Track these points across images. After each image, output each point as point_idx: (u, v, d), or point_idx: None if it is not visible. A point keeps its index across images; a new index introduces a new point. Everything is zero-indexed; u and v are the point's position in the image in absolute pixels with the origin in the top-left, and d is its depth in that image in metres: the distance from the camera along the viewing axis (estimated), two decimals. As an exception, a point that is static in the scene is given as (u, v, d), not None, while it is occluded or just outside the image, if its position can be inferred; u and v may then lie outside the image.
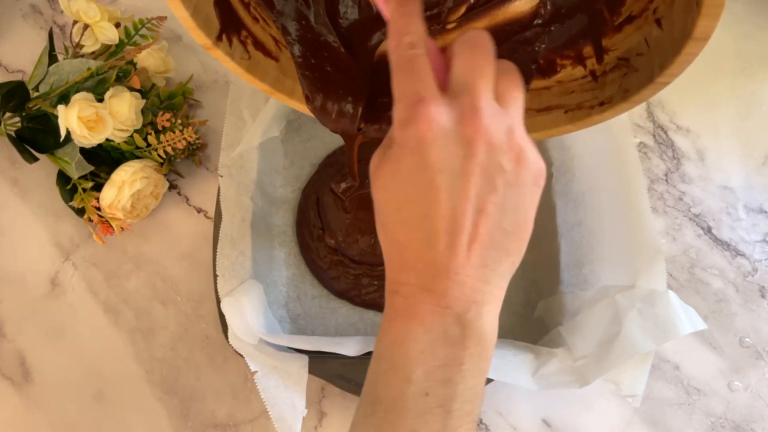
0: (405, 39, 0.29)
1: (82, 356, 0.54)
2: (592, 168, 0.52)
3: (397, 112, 0.28)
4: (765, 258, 0.56)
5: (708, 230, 0.57)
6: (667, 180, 0.59)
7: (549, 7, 0.36)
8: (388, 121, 0.40)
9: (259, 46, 0.39)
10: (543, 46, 0.38)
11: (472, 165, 0.27)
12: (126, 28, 0.58)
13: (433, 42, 0.30)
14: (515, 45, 0.39)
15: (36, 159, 0.55)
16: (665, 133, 0.61)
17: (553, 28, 0.37)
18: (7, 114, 0.55)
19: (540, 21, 0.37)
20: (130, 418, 0.53)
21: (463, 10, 0.39)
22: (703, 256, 0.56)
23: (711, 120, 0.61)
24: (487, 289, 0.28)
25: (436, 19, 0.39)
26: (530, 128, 0.40)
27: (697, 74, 0.63)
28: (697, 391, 0.52)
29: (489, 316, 0.29)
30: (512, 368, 0.45)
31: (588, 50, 0.37)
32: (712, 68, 0.63)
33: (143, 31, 0.58)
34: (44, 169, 0.59)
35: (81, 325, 0.55)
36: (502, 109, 0.28)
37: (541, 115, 0.40)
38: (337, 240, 0.55)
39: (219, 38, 0.36)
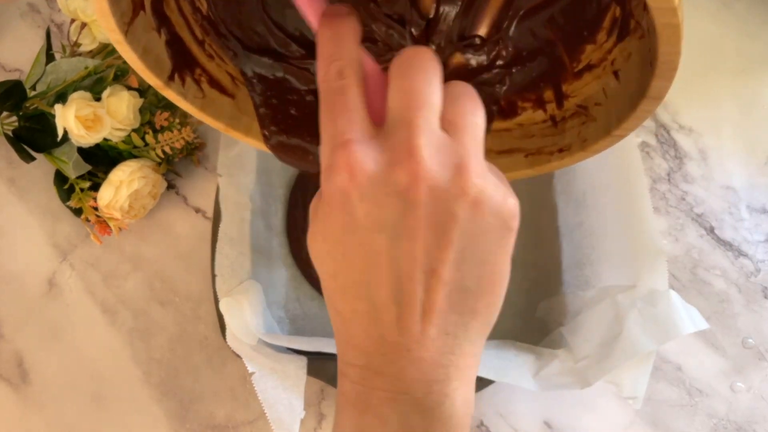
0: (333, 66, 0.23)
1: (80, 357, 0.54)
2: (594, 168, 0.51)
3: (322, 158, 0.23)
4: None
5: (710, 230, 0.57)
6: (669, 180, 0.58)
7: (510, 49, 0.36)
8: None
9: (214, 83, 0.37)
10: (504, 87, 0.38)
11: (414, 218, 0.22)
12: (124, 26, 0.58)
13: (375, 64, 0.25)
14: (476, 85, 0.39)
15: (33, 158, 0.55)
16: (667, 132, 0.60)
17: (514, 70, 0.37)
18: (4, 113, 0.55)
19: (501, 62, 0.37)
20: (128, 419, 0.52)
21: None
22: (705, 257, 0.56)
23: (713, 119, 0.61)
24: (453, 361, 0.23)
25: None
26: None
27: (698, 73, 0.62)
28: (699, 392, 0.52)
29: (457, 394, 0.24)
30: (513, 369, 0.44)
31: (549, 94, 0.37)
32: (714, 67, 0.63)
33: (141, 30, 0.57)
34: (41, 168, 0.59)
35: (79, 326, 0.55)
36: (450, 141, 0.22)
37: (502, 157, 0.39)
38: None
39: (171, 78, 0.34)
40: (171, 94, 0.34)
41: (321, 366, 0.47)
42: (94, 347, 0.54)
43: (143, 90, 0.57)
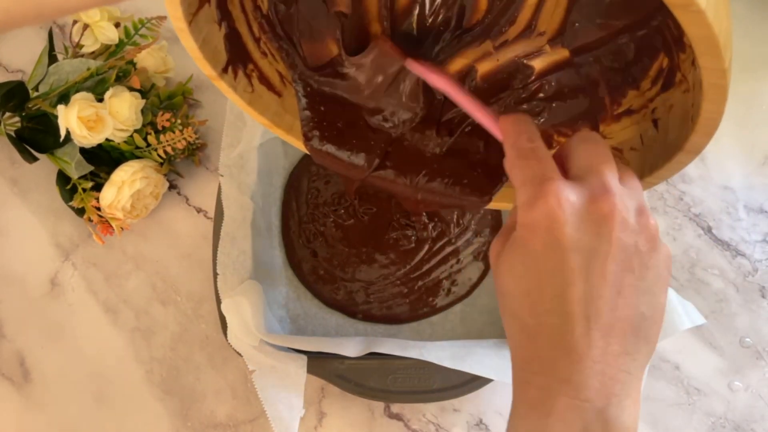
0: (522, 136, 0.29)
1: (82, 356, 0.54)
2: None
3: (522, 195, 0.28)
4: (765, 258, 0.56)
5: (708, 230, 0.57)
6: (667, 180, 0.59)
7: (553, 84, 0.37)
8: (385, 169, 0.40)
9: (263, 80, 0.39)
10: (542, 120, 0.38)
11: (609, 243, 0.26)
12: (126, 28, 0.58)
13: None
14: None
15: (36, 159, 0.55)
16: (665, 132, 0.61)
17: (554, 104, 0.37)
18: (7, 114, 0.55)
19: (543, 95, 0.37)
20: (130, 418, 0.53)
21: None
22: (703, 256, 0.56)
23: (711, 120, 0.61)
24: (628, 381, 0.26)
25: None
26: None
27: (697, 74, 0.63)
28: (698, 391, 0.52)
29: (631, 411, 0.26)
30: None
31: None
32: (713, 68, 0.63)
33: (143, 31, 0.58)
34: (44, 169, 0.59)
35: (81, 325, 0.55)
36: (627, 190, 0.27)
37: None
38: (320, 255, 0.55)
39: (225, 70, 0.36)
40: (223, 86, 0.36)
41: (321, 364, 0.47)
42: (96, 346, 0.55)
43: (145, 91, 0.57)
